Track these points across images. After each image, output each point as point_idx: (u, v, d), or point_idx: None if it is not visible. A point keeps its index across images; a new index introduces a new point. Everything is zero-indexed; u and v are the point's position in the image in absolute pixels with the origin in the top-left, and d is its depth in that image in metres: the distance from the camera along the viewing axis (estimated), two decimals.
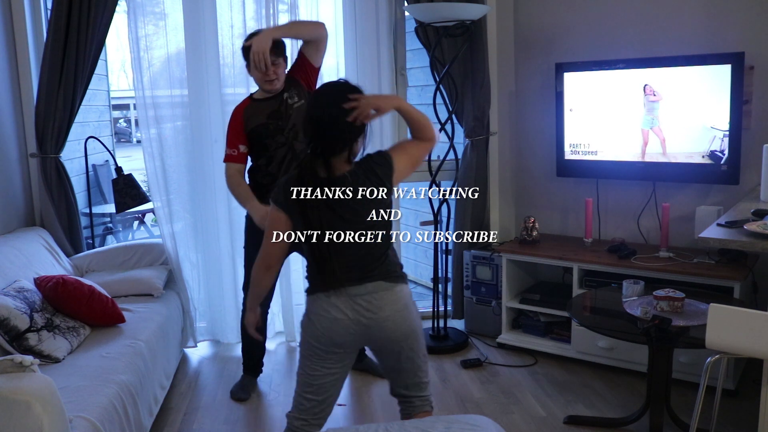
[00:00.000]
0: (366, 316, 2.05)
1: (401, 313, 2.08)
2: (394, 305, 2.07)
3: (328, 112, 2.00)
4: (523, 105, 4.09)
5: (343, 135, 2.00)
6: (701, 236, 2.39)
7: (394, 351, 2.13)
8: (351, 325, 2.06)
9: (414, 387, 2.20)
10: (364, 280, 2.06)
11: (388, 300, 2.06)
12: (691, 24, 3.44)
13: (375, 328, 2.07)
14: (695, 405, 2.16)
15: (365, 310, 2.05)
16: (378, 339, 2.11)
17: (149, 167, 3.75)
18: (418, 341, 2.14)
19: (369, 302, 2.05)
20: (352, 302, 2.05)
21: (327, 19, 3.94)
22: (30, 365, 1.88)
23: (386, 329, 2.07)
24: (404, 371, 2.18)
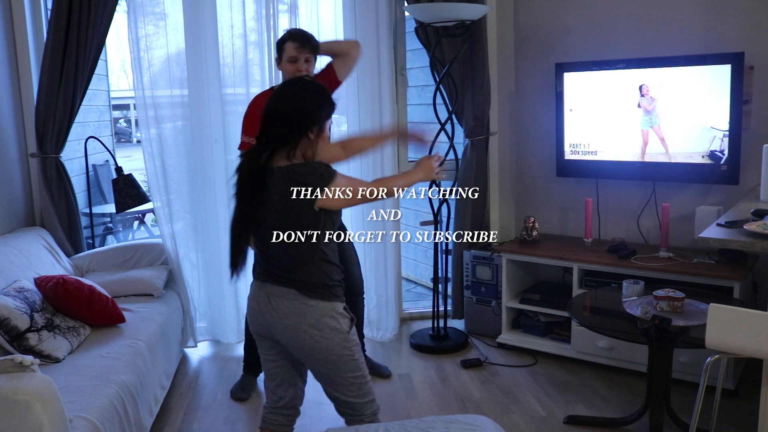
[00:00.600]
0: (273, 317, 2.06)
1: (308, 328, 2.02)
2: (299, 318, 2.02)
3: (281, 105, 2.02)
4: (523, 105, 4.09)
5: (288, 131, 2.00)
6: (701, 236, 2.39)
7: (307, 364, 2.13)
8: (263, 320, 2.10)
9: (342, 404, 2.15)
10: (281, 283, 2.05)
11: (293, 310, 2.03)
12: (691, 24, 3.44)
13: (280, 333, 2.08)
14: (695, 405, 2.16)
15: (273, 311, 2.06)
16: (286, 345, 2.10)
17: (149, 167, 3.74)
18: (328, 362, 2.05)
19: (278, 305, 2.05)
20: (268, 299, 2.08)
21: (327, 19, 3.94)
22: (30, 365, 1.88)
23: (289, 339, 2.06)
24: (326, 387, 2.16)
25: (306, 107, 2.02)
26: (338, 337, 2.04)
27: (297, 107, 2.01)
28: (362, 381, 2.13)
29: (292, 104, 2.01)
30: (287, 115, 2.00)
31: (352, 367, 2.09)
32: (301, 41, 2.92)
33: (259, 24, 3.75)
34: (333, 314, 2.05)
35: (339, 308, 2.07)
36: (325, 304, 2.04)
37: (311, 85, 2.11)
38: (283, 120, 2.00)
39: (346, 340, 2.07)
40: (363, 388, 2.13)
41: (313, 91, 2.07)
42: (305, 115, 2.01)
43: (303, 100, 2.02)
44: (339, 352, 2.05)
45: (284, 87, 2.09)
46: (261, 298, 2.10)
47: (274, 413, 2.26)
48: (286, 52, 2.93)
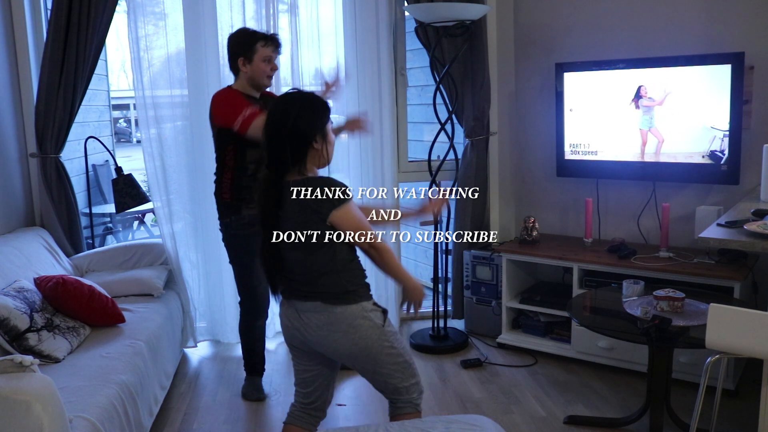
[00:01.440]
0: (306, 331, 2.10)
1: (344, 334, 2.06)
2: (332, 327, 2.06)
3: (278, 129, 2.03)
4: (523, 105, 4.09)
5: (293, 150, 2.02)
6: (701, 236, 2.39)
7: (349, 363, 2.17)
8: (298, 336, 2.13)
9: (391, 392, 2.21)
10: (306, 298, 2.09)
11: (324, 321, 2.06)
12: (691, 24, 3.44)
13: (317, 344, 2.11)
14: (695, 405, 2.16)
15: (305, 326, 2.10)
16: (325, 352, 2.14)
17: (149, 167, 3.74)
18: (370, 359, 2.11)
19: (309, 319, 2.09)
20: (298, 315, 2.11)
21: (327, 19, 3.94)
22: (30, 365, 1.88)
23: (327, 347, 2.10)
24: (371, 380, 2.21)
25: (303, 123, 2.02)
26: (375, 334, 2.09)
27: (294, 126, 2.01)
28: (406, 365, 2.18)
29: (288, 125, 2.01)
30: (287, 136, 2.01)
31: (394, 355, 2.14)
32: (274, 43, 3.00)
33: (259, 24, 3.74)
34: (363, 314, 2.08)
35: (368, 307, 2.10)
36: (354, 307, 2.07)
37: (301, 98, 2.08)
38: (285, 141, 2.02)
39: (383, 333, 2.11)
40: (408, 371, 2.19)
41: (305, 105, 2.06)
42: (305, 131, 2.02)
43: (298, 118, 2.02)
44: (378, 347, 2.10)
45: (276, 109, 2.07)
46: (292, 315, 2.14)
47: (303, 411, 2.29)
48: (261, 53, 2.95)
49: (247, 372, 3.35)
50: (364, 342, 2.07)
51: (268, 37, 2.99)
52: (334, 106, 4.09)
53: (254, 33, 3.00)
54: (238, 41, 2.99)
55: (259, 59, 2.95)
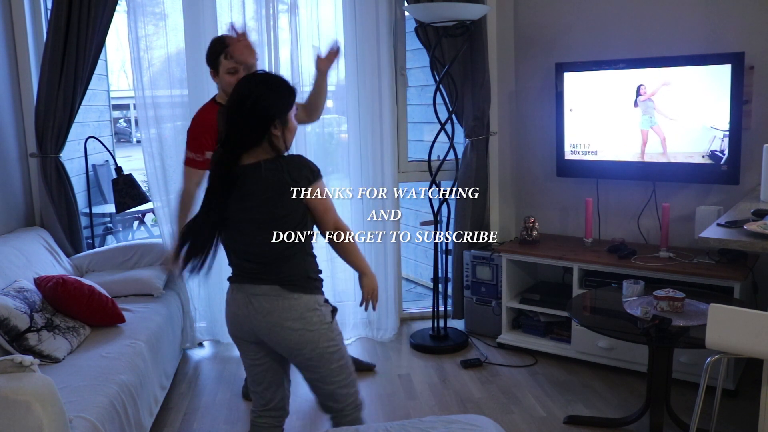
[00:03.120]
0: (255, 317, 2.05)
1: (293, 322, 2.01)
2: (283, 314, 2.01)
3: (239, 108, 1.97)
4: (523, 105, 4.09)
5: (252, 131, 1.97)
6: (701, 236, 2.39)
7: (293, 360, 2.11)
8: (246, 323, 2.08)
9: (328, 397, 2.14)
10: (261, 281, 2.03)
11: (277, 307, 2.01)
12: (692, 24, 3.44)
13: (264, 332, 2.06)
14: (695, 405, 2.16)
15: (255, 311, 2.04)
16: (270, 342, 2.09)
17: (149, 167, 3.75)
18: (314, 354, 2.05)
19: (260, 304, 2.03)
20: (248, 300, 2.05)
21: (327, 19, 3.94)
22: (30, 365, 1.88)
23: (275, 334, 2.04)
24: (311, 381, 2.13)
25: (265, 105, 1.96)
26: (322, 329, 2.05)
27: (255, 107, 1.96)
28: (347, 372, 2.13)
29: (249, 105, 1.96)
30: (248, 116, 1.96)
31: (337, 357, 2.09)
32: None
33: (259, 24, 3.75)
34: (316, 306, 2.05)
35: (321, 300, 2.07)
36: (308, 297, 2.03)
37: (266, 79, 2.03)
38: (244, 121, 1.96)
39: (330, 330, 2.07)
40: (348, 379, 2.14)
41: (270, 86, 2.00)
42: (264, 114, 1.96)
43: (259, 100, 1.96)
44: (324, 343, 2.05)
45: (239, 87, 2.01)
46: (241, 301, 2.07)
47: (263, 416, 2.24)
48: (224, 65, 2.85)
49: None
50: (312, 335, 2.03)
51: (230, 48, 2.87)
52: (335, 106, 4.13)
53: (219, 44, 2.88)
54: (208, 52, 2.92)
55: (224, 72, 2.86)
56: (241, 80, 2.05)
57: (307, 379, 2.14)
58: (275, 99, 1.99)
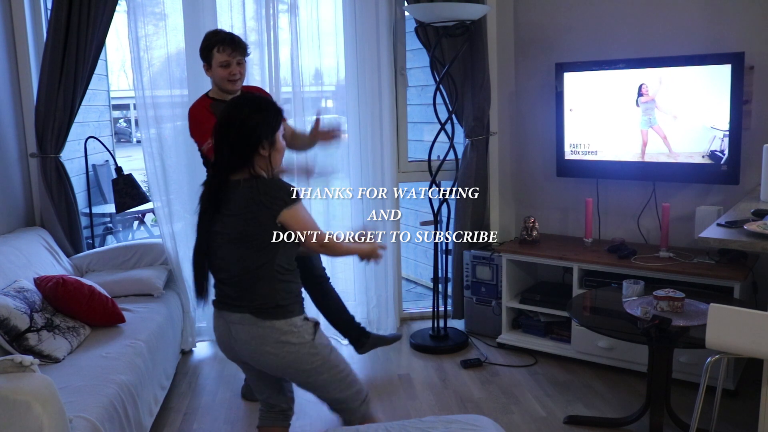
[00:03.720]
0: (237, 345, 2.08)
1: (272, 347, 2.02)
2: (260, 340, 2.02)
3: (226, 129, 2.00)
4: (523, 105, 4.09)
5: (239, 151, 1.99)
6: (701, 236, 2.39)
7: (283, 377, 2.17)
8: (230, 348, 2.13)
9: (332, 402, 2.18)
10: (236, 309, 2.05)
11: (253, 335, 2.03)
12: (691, 24, 3.44)
13: (247, 358, 2.10)
14: (695, 405, 2.16)
15: (234, 339, 2.08)
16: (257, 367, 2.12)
17: (149, 167, 3.75)
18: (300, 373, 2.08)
19: (237, 332, 2.06)
20: (228, 327, 2.09)
21: (327, 19, 3.94)
22: (30, 365, 1.88)
23: (257, 362, 2.09)
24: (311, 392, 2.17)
25: (252, 126, 1.98)
26: (303, 349, 2.05)
27: (242, 128, 1.98)
28: (341, 376, 2.14)
29: (236, 126, 1.98)
30: (234, 137, 1.98)
31: (327, 368, 2.10)
32: (232, 46, 2.88)
33: (259, 24, 3.74)
34: (292, 329, 2.04)
35: (297, 322, 2.06)
36: (281, 323, 2.03)
37: (253, 101, 2.05)
38: (232, 142, 1.98)
39: (313, 347, 2.07)
40: (344, 382, 2.15)
41: (257, 108, 2.02)
42: (251, 135, 1.98)
43: (246, 121, 1.98)
44: (308, 361, 2.06)
45: (227, 109, 2.04)
46: (222, 328, 2.12)
47: (270, 413, 2.29)
48: (216, 59, 2.86)
49: None
50: (292, 357, 2.03)
51: (224, 40, 2.86)
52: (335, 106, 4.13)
53: (213, 37, 2.89)
54: (201, 47, 2.92)
55: (216, 65, 2.87)
56: (229, 103, 2.08)
57: (308, 390, 2.17)
58: (262, 120, 2.01)
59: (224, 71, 2.88)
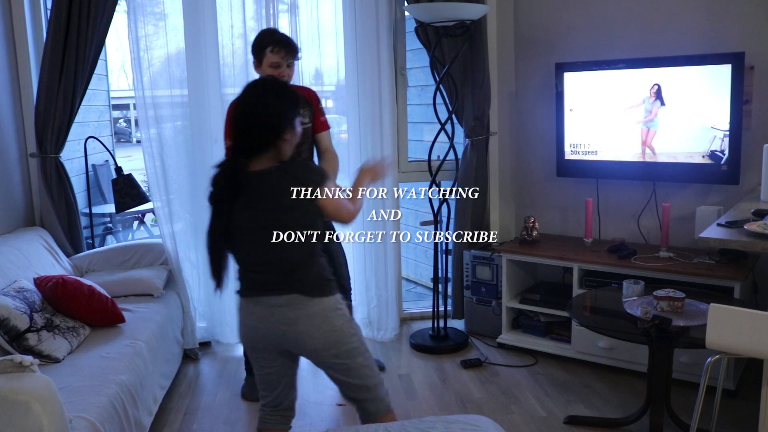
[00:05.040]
0: (280, 328, 2.04)
1: (318, 326, 2.02)
2: (311, 320, 2.02)
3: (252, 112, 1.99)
4: (523, 105, 4.09)
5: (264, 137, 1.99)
6: (701, 236, 2.39)
7: (320, 362, 2.12)
8: (269, 335, 2.07)
9: (358, 390, 2.14)
10: (281, 291, 2.02)
11: (302, 314, 2.02)
12: (692, 24, 3.44)
13: (290, 342, 2.06)
14: (695, 405, 2.16)
15: (278, 323, 2.04)
16: (297, 351, 2.10)
17: (149, 167, 3.74)
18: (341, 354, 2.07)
19: (283, 315, 2.03)
20: (270, 312, 2.04)
21: (327, 19, 3.94)
22: (30, 365, 1.88)
23: (301, 344, 2.05)
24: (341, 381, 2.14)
25: (278, 111, 1.99)
26: (345, 328, 2.07)
27: (268, 112, 1.98)
28: (371, 362, 2.16)
29: (263, 110, 1.98)
30: (261, 121, 1.98)
31: (362, 350, 2.13)
32: (286, 49, 2.91)
33: (259, 24, 3.74)
34: (337, 306, 2.07)
35: (339, 299, 2.10)
36: (328, 300, 2.05)
37: (277, 86, 2.05)
38: (257, 127, 1.98)
39: (352, 326, 2.11)
40: (374, 368, 2.17)
41: (281, 93, 2.02)
42: (278, 119, 1.98)
43: (273, 105, 1.99)
44: (349, 340, 2.08)
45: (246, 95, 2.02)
46: (260, 314, 2.05)
47: (274, 414, 2.26)
48: (268, 59, 2.90)
49: (248, 372, 3.35)
50: (337, 335, 2.04)
51: (279, 42, 2.91)
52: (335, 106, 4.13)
53: (268, 36, 2.94)
54: (254, 43, 2.98)
55: (267, 65, 2.92)
56: (247, 87, 2.06)
57: (333, 376, 2.15)
58: (285, 106, 2.01)
59: (274, 71, 2.92)
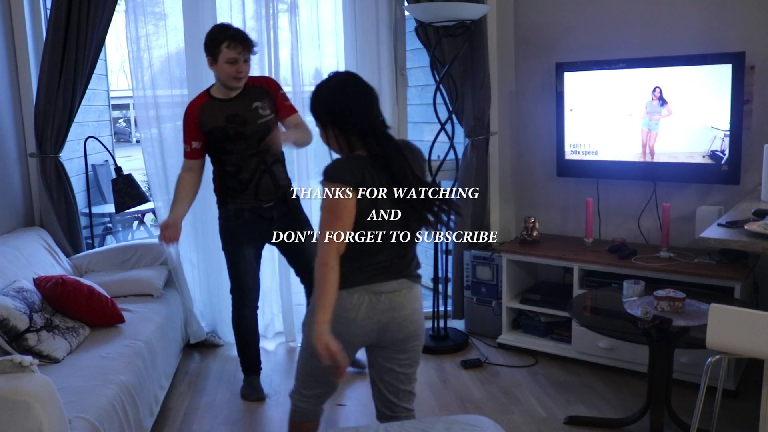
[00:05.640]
0: (387, 315, 2.05)
1: (419, 312, 2.12)
2: (414, 303, 2.10)
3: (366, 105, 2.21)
4: (523, 105, 4.09)
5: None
6: (702, 236, 2.39)
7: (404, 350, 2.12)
8: (368, 325, 2.03)
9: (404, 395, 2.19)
10: (393, 277, 2.08)
11: (410, 298, 2.09)
12: (692, 24, 3.44)
13: (394, 326, 2.07)
14: (696, 405, 2.16)
15: (387, 308, 2.04)
16: (394, 338, 2.10)
17: (149, 167, 3.75)
18: (421, 341, 2.17)
19: (392, 300, 2.05)
20: (376, 299, 2.03)
21: (327, 18, 3.94)
22: (29, 365, 1.88)
23: (405, 328, 2.09)
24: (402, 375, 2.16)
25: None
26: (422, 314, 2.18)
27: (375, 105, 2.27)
28: None
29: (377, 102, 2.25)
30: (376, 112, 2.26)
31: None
32: (243, 44, 2.86)
33: (259, 24, 3.74)
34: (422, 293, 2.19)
35: None
36: (419, 287, 2.16)
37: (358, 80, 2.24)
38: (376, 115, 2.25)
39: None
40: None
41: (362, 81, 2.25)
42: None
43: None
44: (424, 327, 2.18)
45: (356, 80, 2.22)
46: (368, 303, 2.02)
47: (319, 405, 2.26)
48: (224, 54, 2.84)
49: (245, 371, 3.34)
50: (422, 321, 2.15)
51: (235, 37, 2.84)
52: None
53: (222, 32, 2.87)
54: (207, 39, 2.90)
55: (223, 60, 2.85)
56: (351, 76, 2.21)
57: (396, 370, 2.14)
58: None
59: (231, 68, 2.87)
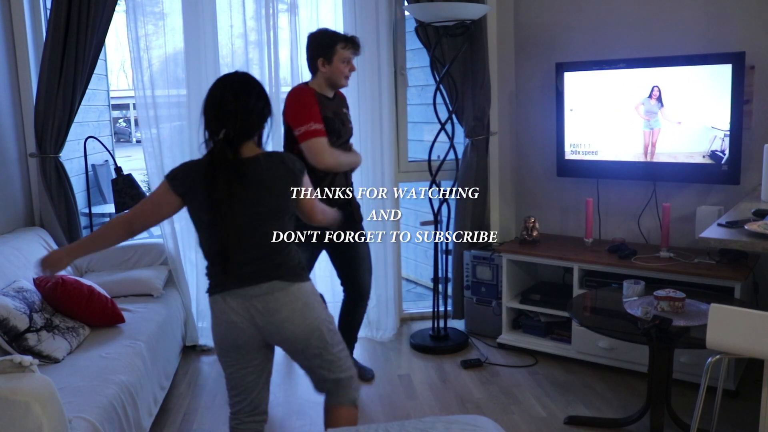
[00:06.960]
0: (261, 319, 2.02)
1: (300, 312, 2.03)
2: (292, 305, 2.02)
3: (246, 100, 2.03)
4: (523, 105, 4.09)
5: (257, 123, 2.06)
6: (702, 236, 2.38)
7: (299, 350, 2.10)
8: (249, 329, 2.04)
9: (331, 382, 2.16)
10: (260, 280, 2.01)
11: (282, 301, 2.02)
12: (692, 24, 3.44)
13: (269, 332, 2.05)
14: (696, 405, 2.15)
15: (258, 313, 2.02)
16: (278, 341, 2.09)
17: (150, 167, 3.74)
18: (320, 342, 2.09)
19: (264, 304, 2.01)
20: (249, 303, 2.02)
21: (327, 19, 3.94)
22: (29, 365, 1.87)
23: (285, 331, 2.04)
24: (314, 370, 2.15)
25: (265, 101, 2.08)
26: (322, 315, 2.11)
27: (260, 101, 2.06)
28: (346, 354, 2.19)
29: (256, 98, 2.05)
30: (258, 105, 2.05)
31: (338, 339, 2.16)
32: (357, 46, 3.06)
33: (258, 24, 3.74)
34: (314, 290, 2.11)
35: (314, 285, 2.14)
36: (307, 285, 2.08)
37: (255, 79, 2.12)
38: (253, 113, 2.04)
39: (329, 314, 2.15)
40: (348, 361, 2.19)
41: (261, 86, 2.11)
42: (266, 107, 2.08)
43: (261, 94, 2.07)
44: (328, 328, 2.11)
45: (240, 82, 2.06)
46: (239, 307, 2.02)
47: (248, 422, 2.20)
48: (340, 54, 2.99)
49: None
50: (316, 323, 2.06)
51: (348, 39, 3.03)
52: None
53: (335, 35, 3.04)
54: (319, 42, 3.02)
55: (339, 60, 3.00)
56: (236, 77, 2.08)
57: (309, 365, 2.14)
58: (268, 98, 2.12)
59: (345, 67, 3.03)
